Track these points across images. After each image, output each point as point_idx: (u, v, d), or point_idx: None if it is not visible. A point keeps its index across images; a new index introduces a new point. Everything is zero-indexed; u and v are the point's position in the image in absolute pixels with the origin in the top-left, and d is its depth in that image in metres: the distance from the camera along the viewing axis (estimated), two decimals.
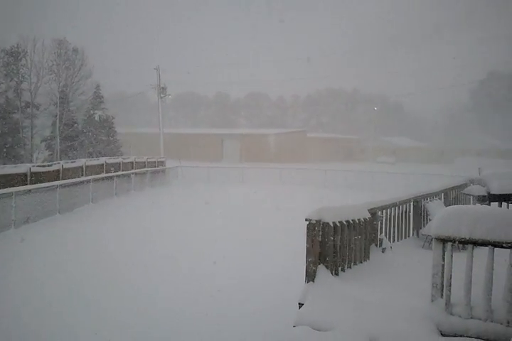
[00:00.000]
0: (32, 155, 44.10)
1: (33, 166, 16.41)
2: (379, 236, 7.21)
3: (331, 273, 5.69)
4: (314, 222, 5.51)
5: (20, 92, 45.06)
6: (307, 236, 5.52)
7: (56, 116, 42.83)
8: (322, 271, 5.57)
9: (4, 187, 13.77)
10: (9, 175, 14.68)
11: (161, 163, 31.47)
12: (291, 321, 4.73)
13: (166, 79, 44.08)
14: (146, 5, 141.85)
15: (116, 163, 23.91)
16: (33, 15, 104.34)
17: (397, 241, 8.17)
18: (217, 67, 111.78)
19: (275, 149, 59.15)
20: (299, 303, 5.21)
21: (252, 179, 30.10)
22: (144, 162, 27.69)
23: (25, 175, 15.41)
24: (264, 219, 15.55)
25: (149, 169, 27.36)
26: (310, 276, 5.50)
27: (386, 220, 7.71)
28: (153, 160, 29.77)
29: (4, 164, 33.05)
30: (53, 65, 45.97)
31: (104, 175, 20.94)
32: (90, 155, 40.20)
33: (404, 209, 8.40)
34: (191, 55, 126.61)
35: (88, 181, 18.74)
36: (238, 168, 33.30)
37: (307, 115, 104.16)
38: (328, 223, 5.63)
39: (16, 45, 44.67)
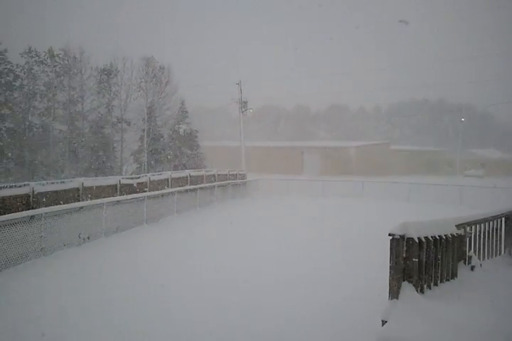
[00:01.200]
0: (121, 168, 46.53)
1: (122, 178, 17.25)
2: (468, 254, 6.87)
3: (416, 290, 5.50)
4: (398, 237, 5.36)
5: (111, 108, 47.84)
6: (390, 251, 5.38)
7: (144, 130, 44.98)
8: (406, 288, 5.39)
9: (97, 198, 14.60)
10: (101, 186, 15.54)
11: (242, 176, 31.98)
12: (372, 338, 4.61)
13: (248, 92, 44.89)
14: (225, 21, 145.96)
15: (200, 175, 24.61)
16: (121, 35, 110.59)
17: (487, 258, 7.74)
18: (296, 80, 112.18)
19: (356, 162, 58.21)
20: (382, 320, 5.07)
21: (332, 192, 29.78)
22: (226, 174, 28.29)
23: (115, 186, 16.25)
24: (343, 233, 15.32)
25: (231, 181, 27.92)
26: (393, 293, 5.34)
27: (475, 236, 7.34)
28: (234, 172, 30.34)
29: (96, 176, 35.07)
30: (141, 81, 48.45)
31: (188, 187, 21.62)
32: (175, 167, 41.69)
33: (494, 226, 7.95)
34: (271, 68, 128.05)
35: (173, 193, 19.45)
36: (318, 180, 33.10)
37: (390, 127, 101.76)
38: (412, 238, 5.46)
39: (108, 64, 47.52)
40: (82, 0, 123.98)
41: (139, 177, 18.45)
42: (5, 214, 10.78)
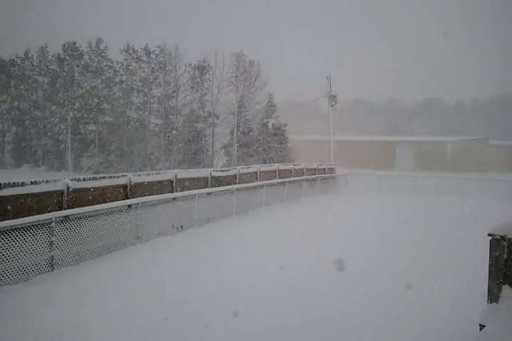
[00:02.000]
0: (212, 161, 47.79)
1: (213, 171, 17.69)
2: None
3: None
4: (499, 237, 5.03)
5: (203, 103, 49.21)
6: (490, 253, 5.07)
7: (234, 124, 45.83)
8: (507, 291, 5.06)
9: (189, 189, 15.10)
10: (193, 178, 16.05)
11: (331, 170, 31.60)
12: None
13: (337, 86, 44.23)
14: (314, 14, 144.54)
15: (288, 169, 24.65)
16: (213, 31, 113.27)
17: None
18: (387, 73, 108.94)
19: (452, 158, 55.48)
20: (480, 325, 4.80)
21: (426, 189, 28.56)
22: (315, 169, 28.10)
23: (206, 178, 16.72)
24: (439, 233, 14.67)
25: (319, 176, 27.70)
26: (493, 297, 5.03)
27: None
28: (323, 167, 30.06)
29: (188, 168, 36.30)
30: (232, 76, 49.31)
31: (276, 180, 21.76)
32: (264, 161, 42.13)
33: None
34: (361, 62, 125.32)
35: (262, 186, 19.67)
36: (411, 176, 31.95)
37: (490, 120, 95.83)
38: None
39: (202, 60, 48.82)
40: None
41: (228, 170, 18.82)
42: (105, 202, 11.46)
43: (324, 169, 30.08)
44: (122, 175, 13.02)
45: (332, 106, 42.25)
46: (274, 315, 7.31)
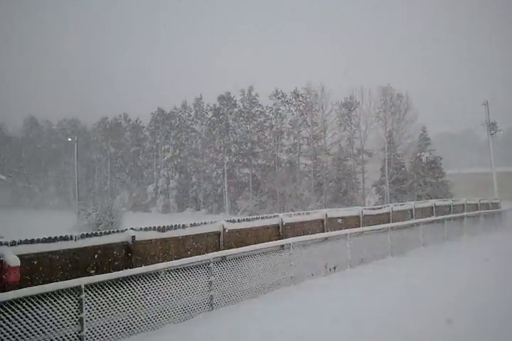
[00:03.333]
0: (364, 199, 46.85)
1: (365, 209, 17.27)
2: None
3: None
4: None
5: (352, 140, 49.06)
6: None
7: (384, 160, 44.72)
8: None
9: (340, 228, 14.87)
10: (344, 217, 15.82)
11: (496, 205, 28.95)
12: None
13: (497, 111, 41.06)
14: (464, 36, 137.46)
15: (446, 205, 23.13)
16: (357, 66, 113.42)
17: None
18: None
19: None
20: None
21: None
22: (476, 204, 25.98)
23: (358, 217, 16.35)
24: None
25: (482, 211, 25.48)
26: None
27: None
28: (486, 201, 27.68)
29: (339, 207, 35.95)
30: (380, 111, 48.64)
31: (433, 218, 20.49)
32: (419, 197, 40.11)
33: None
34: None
35: (418, 224, 18.62)
36: None
37: None
38: None
39: (348, 97, 49.11)
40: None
41: (381, 208, 18.23)
42: (258, 243, 11.73)
43: (488, 204, 27.67)
44: (274, 216, 13.31)
45: (492, 134, 39.25)
46: None
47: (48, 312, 7.08)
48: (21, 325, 6.74)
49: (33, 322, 6.86)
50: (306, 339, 8.03)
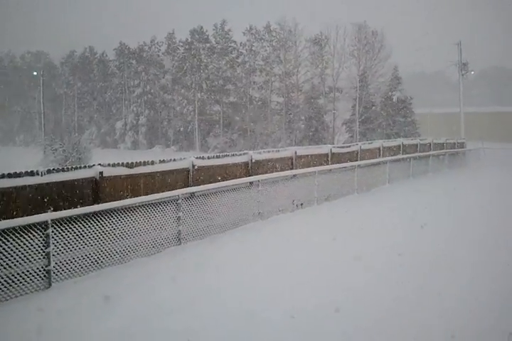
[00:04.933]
0: (334, 138, 47.20)
1: (334, 147, 17.40)
2: None
3: None
4: None
5: (324, 78, 48.53)
6: None
7: (356, 99, 44.60)
8: None
9: (308, 166, 15.03)
10: (313, 155, 15.93)
11: (461, 145, 29.64)
12: None
13: (468, 54, 40.93)
14: None
15: (413, 144, 23.52)
16: (332, 2, 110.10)
17: None
18: None
19: None
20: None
21: None
22: (443, 143, 26.51)
23: (326, 155, 16.50)
24: None
25: (448, 151, 26.10)
26: None
27: None
28: (452, 141, 28.26)
29: (309, 145, 36.22)
30: (353, 49, 47.86)
31: (400, 156, 20.88)
32: (388, 136, 40.63)
33: None
34: (498, 25, 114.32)
35: (385, 162, 18.99)
36: None
37: None
38: None
39: (320, 33, 47.95)
40: None
41: (349, 147, 18.41)
42: (227, 180, 11.81)
43: (454, 144, 28.29)
44: (244, 153, 13.30)
45: (463, 75, 39.37)
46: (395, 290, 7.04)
47: (15, 246, 7.10)
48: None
49: None
50: (270, 265, 8.50)
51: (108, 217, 8.51)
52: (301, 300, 6.82)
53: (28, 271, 7.26)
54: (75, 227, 7.95)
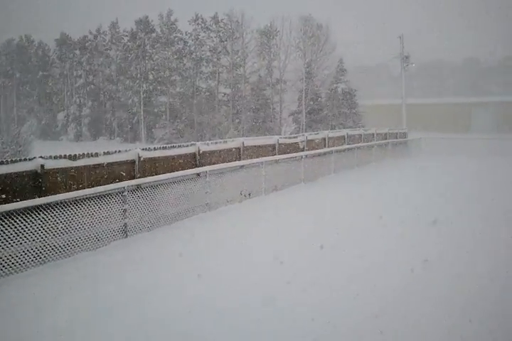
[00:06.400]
0: (281, 128, 47.61)
1: (281, 138, 17.56)
2: None
3: None
4: None
5: (271, 70, 48.75)
6: None
7: (302, 91, 45.13)
8: None
9: (257, 157, 15.14)
10: (260, 146, 16.03)
11: (403, 135, 30.61)
12: None
13: (411, 48, 42.06)
14: None
15: (358, 134, 24.09)
16: None
17: None
18: (465, 31, 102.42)
19: None
20: None
21: (505, 151, 26.87)
22: (386, 133, 27.29)
23: (273, 146, 16.65)
24: None
25: (390, 140, 26.90)
26: None
27: None
28: (394, 131, 29.13)
29: (257, 136, 36.35)
30: (300, 42, 48.29)
31: (345, 146, 21.35)
32: (333, 127, 41.42)
33: None
34: (436, 19, 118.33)
35: (330, 152, 19.38)
36: (489, 139, 30.30)
37: None
38: None
39: (268, 25, 48.03)
40: None
41: (296, 137, 18.64)
42: (175, 171, 11.72)
43: (396, 134, 29.16)
44: (191, 144, 13.22)
45: (404, 67, 40.47)
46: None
47: None
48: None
49: None
50: (216, 254, 8.60)
51: (50, 211, 8.27)
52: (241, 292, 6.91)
53: None
54: (15, 222, 7.69)
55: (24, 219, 7.84)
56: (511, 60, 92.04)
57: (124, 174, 10.64)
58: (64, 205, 8.55)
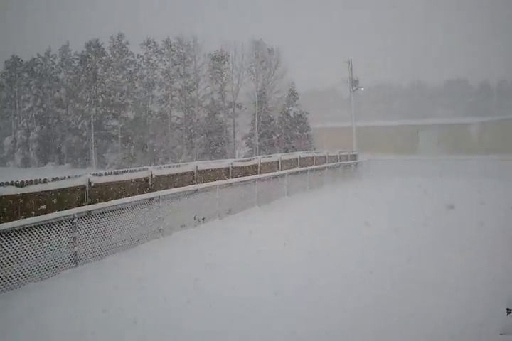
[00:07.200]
0: (234, 152, 47.76)
1: (234, 161, 17.62)
2: None
3: None
4: None
5: (224, 94, 49.10)
6: None
7: (255, 114, 45.64)
8: None
9: (210, 180, 15.09)
10: (214, 169, 16.02)
11: (354, 157, 31.32)
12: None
13: (359, 71, 43.48)
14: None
15: (310, 157, 24.47)
16: (231, 19, 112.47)
17: None
18: (409, 55, 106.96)
19: (479, 139, 54.43)
20: (508, 309, 4.66)
21: (452, 172, 27.91)
22: (337, 156, 27.85)
23: (227, 169, 16.67)
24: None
25: (342, 163, 27.46)
26: None
27: None
28: (345, 153, 29.78)
29: (210, 159, 36.31)
30: (251, 66, 49.02)
31: (298, 169, 21.62)
32: (286, 150, 41.92)
33: None
34: (382, 45, 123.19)
35: (283, 175, 19.56)
36: (435, 160, 31.44)
37: None
38: None
39: (219, 50, 48.56)
40: None
41: (249, 160, 18.74)
42: (127, 197, 11.50)
43: (347, 156, 29.80)
44: (143, 169, 13.06)
45: (353, 91, 41.69)
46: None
47: None
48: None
49: None
50: (164, 285, 8.46)
51: None
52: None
53: None
54: None
55: None
56: (455, 83, 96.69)
57: (75, 200, 10.37)
58: (10, 234, 8.21)
